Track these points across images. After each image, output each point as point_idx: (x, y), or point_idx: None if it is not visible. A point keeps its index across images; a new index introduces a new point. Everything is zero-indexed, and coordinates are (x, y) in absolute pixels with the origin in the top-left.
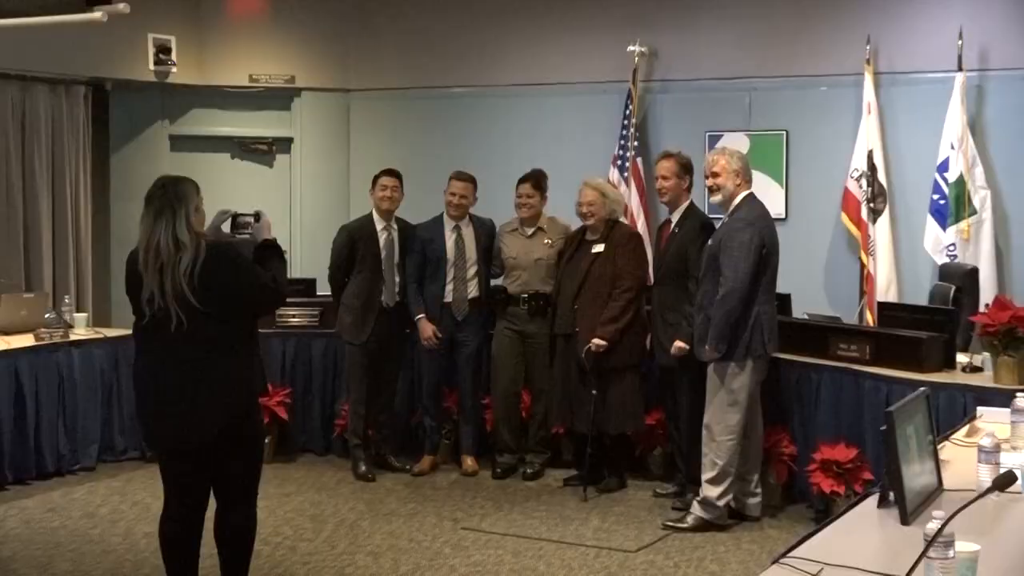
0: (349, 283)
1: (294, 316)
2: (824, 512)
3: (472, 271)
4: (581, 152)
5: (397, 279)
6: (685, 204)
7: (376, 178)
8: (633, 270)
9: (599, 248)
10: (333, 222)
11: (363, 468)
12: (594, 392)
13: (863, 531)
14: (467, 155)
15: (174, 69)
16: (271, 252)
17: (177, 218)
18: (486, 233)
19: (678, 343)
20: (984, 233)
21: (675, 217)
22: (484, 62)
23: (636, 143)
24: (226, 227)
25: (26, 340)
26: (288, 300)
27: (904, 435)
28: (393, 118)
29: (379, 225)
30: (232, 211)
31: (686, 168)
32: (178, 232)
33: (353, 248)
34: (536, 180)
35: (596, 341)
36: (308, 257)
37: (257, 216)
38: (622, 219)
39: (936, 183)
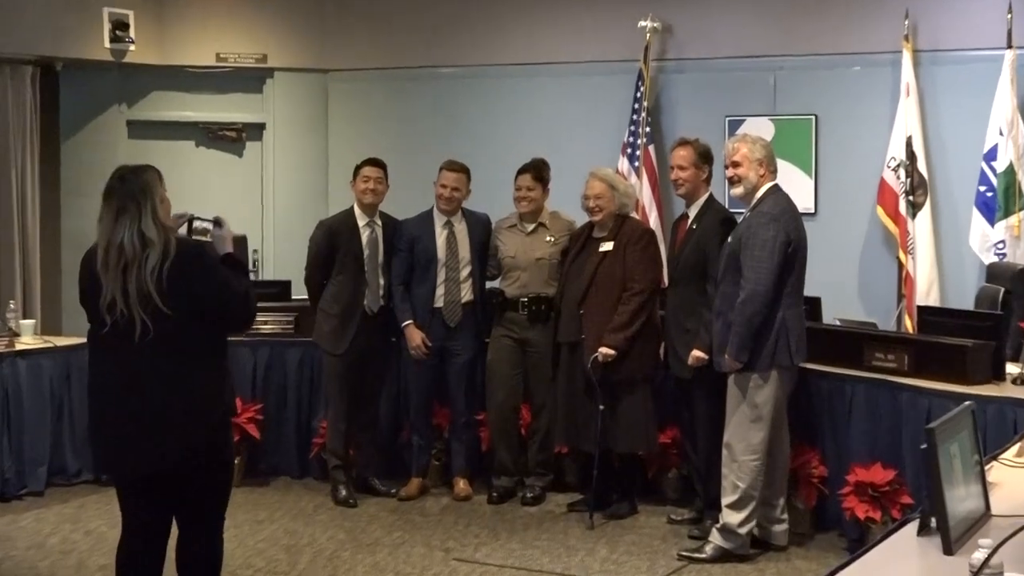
0: (328, 286)
1: (266, 322)
2: (858, 541)
3: (465, 272)
4: (587, 139)
5: (382, 281)
6: (704, 197)
7: (358, 168)
8: (645, 271)
9: (607, 246)
10: (310, 217)
11: (343, 492)
12: (601, 407)
13: (901, 562)
14: (459, 143)
15: (132, 47)
16: (233, 268)
17: (143, 212)
18: (481, 229)
19: (696, 352)
20: None
21: (692, 212)
22: (477, 39)
23: (648, 129)
24: (182, 232)
25: None
26: (260, 305)
27: (947, 455)
28: (376, 102)
29: (361, 221)
30: (189, 215)
31: (705, 157)
32: (144, 227)
33: (332, 246)
34: (537, 171)
35: (604, 350)
36: (282, 256)
37: (217, 223)
38: (633, 214)
39: (983, 173)
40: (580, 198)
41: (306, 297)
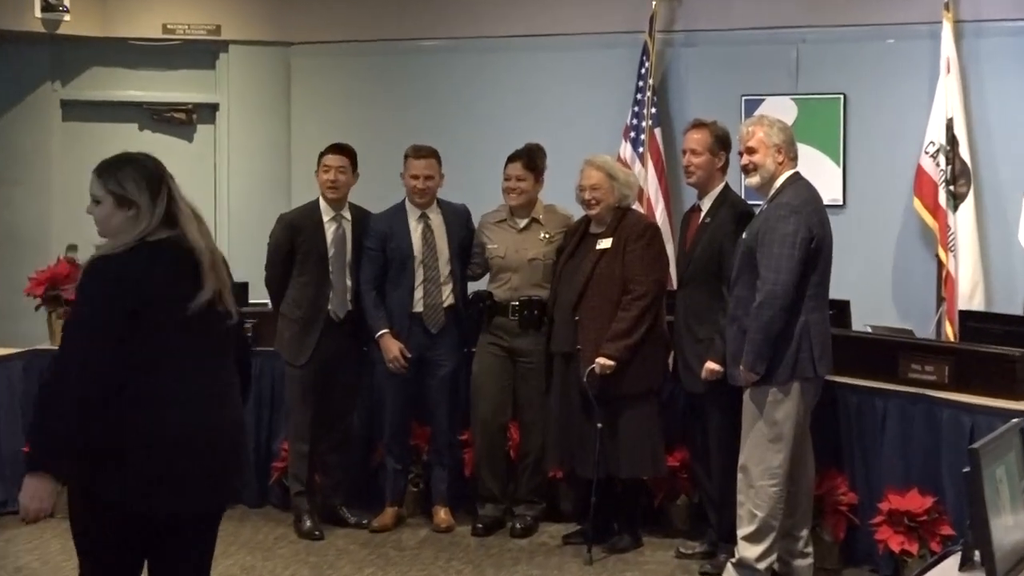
0: (289, 288)
1: None
2: None
3: (446, 271)
4: (585, 122)
5: (349, 283)
6: (718, 188)
7: (320, 156)
8: (648, 271)
9: (605, 243)
10: (270, 211)
11: (308, 523)
12: (600, 426)
13: None
14: (441, 127)
15: (67, 17)
16: None
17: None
18: (459, 221)
19: (709, 364)
20: None
21: (706, 204)
22: (460, 8)
23: (654, 111)
24: None
25: None
26: None
27: (993, 479)
28: (346, 79)
29: (326, 215)
30: None
31: (722, 142)
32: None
33: (293, 244)
34: (529, 158)
35: (602, 361)
36: (239, 255)
37: None
38: (637, 207)
39: None
40: (575, 189)
41: (267, 301)
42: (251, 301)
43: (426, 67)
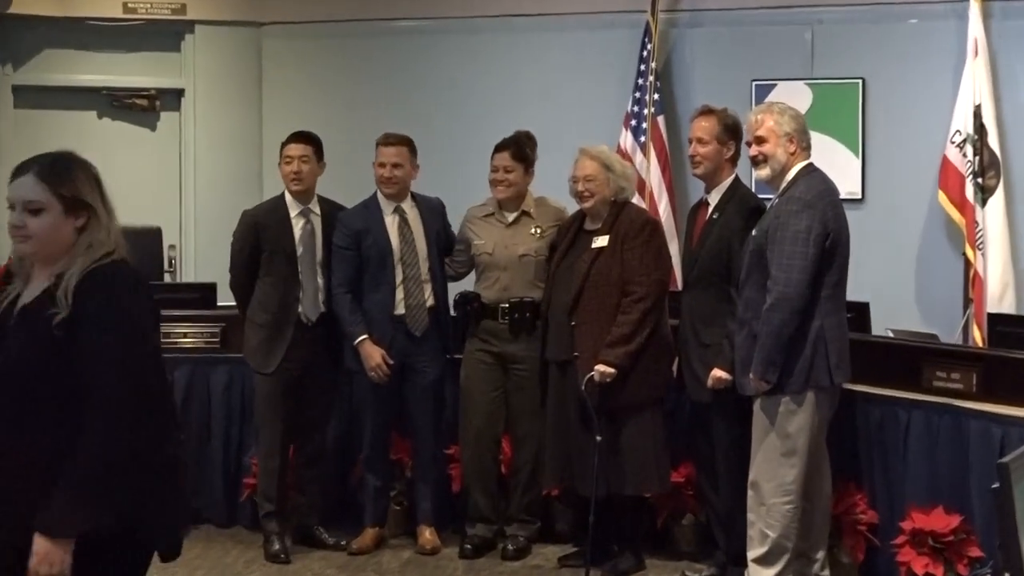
0: (256, 290)
1: (186, 335)
2: None
3: (425, 268)
4: (582, 109)
5: (321, 282)
6: (728, 180)
7: (281, 147)
8: (649, 270)
9: (601, 241)
10: (239, 205)
11: (277, 545)
12: (599, 439)
13: None
14: (424, 114)
15: None
16: None
17: None
18: (434, 217)
19: (717, 372)
20: None
21: (713, 198)
22: None
23: (657, 97)
24: None
25: None
26: (180, 314)
27: None
28: (322, 63)
29: (293, 209)
30: None
31: (732, 131)
32: None
33: (259, 242)
34: (517, 147)
35: (601, 369)
36: (206, 254)
37: None
38: (638, 200)
39: None
40: (568, 181)
41: (235, 303)
42: (220, 304)
43: (409, 50)
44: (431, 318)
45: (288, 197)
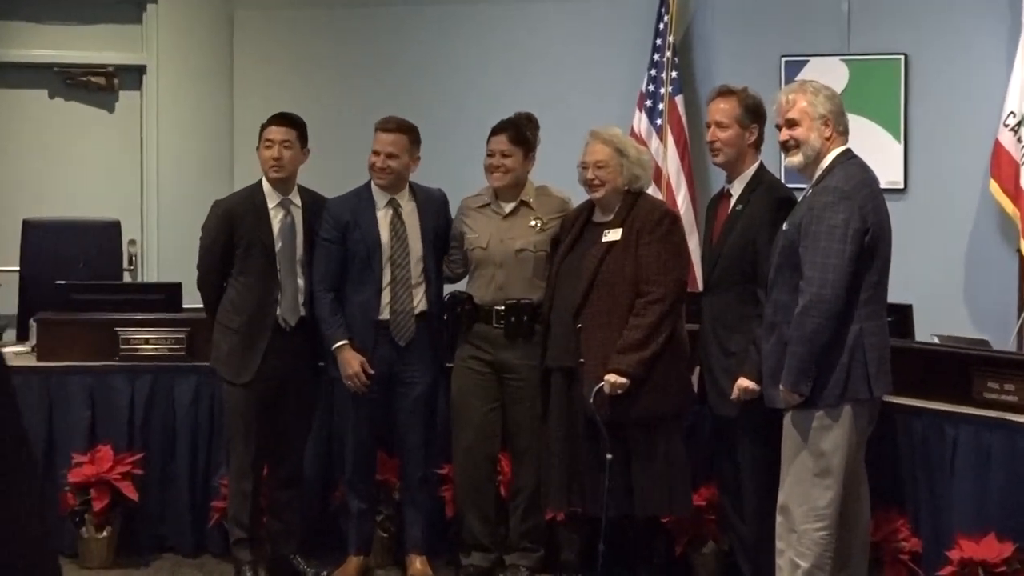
0: (227, 290)
1: (147, 341)
2: None
3: (418, 270)
4: (590, 89)
5: (301, 283)
6: (751, 168)
7: (261, 129)
8: (666, 268)
9: (613, 235)
10: (208, 195)
11: (250, 575)
12: (609, 456)
13: None
14: (415, 95)
15: None
16: None
17: None
18: (435, 209)
19: (742, 382)
20: None
21: (736, 188)
22: None
23: (675, 75)
24: None
25: None
26: (140, 318)
27: None
28: (300, 37)
29: (271, 200)
30: None
31: (754, 113)
32: None
33: (232, 236)
34: (516, 130)
35: (612, 379)
36: (170, 250)
37: None
38: (655, 191)
39: None
40: (577, 168)
41: (203, 305)
42: (186, 306)
43: (398, 23)
44: (421, 325)
45: (266, 186)
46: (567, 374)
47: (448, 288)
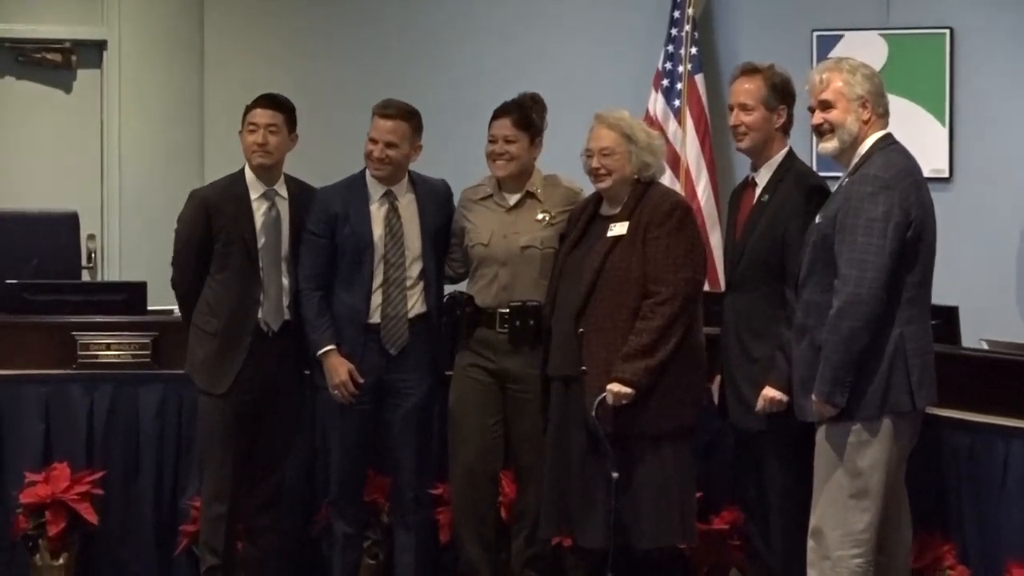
0: (205, 290)
1: (109, 347)
2: None
3: (415, 270)
4: (601, 67)
5: (286, 283)
6: (779, 154)
7: (245, 112)
8: (677, 266)
9: (620, 228)
10: (176, 185)
11: None
12: (615, 475)
13: None
14: (409, 75)
15: None
16: None
17: None
18: (437, 203)
19: (769, 392)
20: None
21: (762, 176)
22: None
23: (695, 51)
24: None
25: None
26: (101, 320)
27: None
28: (279, 11)
29: (255, 191)
30: None
31: (781, 92)
32: None
33: (211, 230)
34: (521, 112)
35: (615, 388)
36: (134, 245)
37: None
38: (671, 181)
39: None
40: (582, 155)
41: (172, 307)
42: (152, 307)
43: None
44: (416, 330)
45: (249, 175)
46: (567, 383)
47: (448, 289)
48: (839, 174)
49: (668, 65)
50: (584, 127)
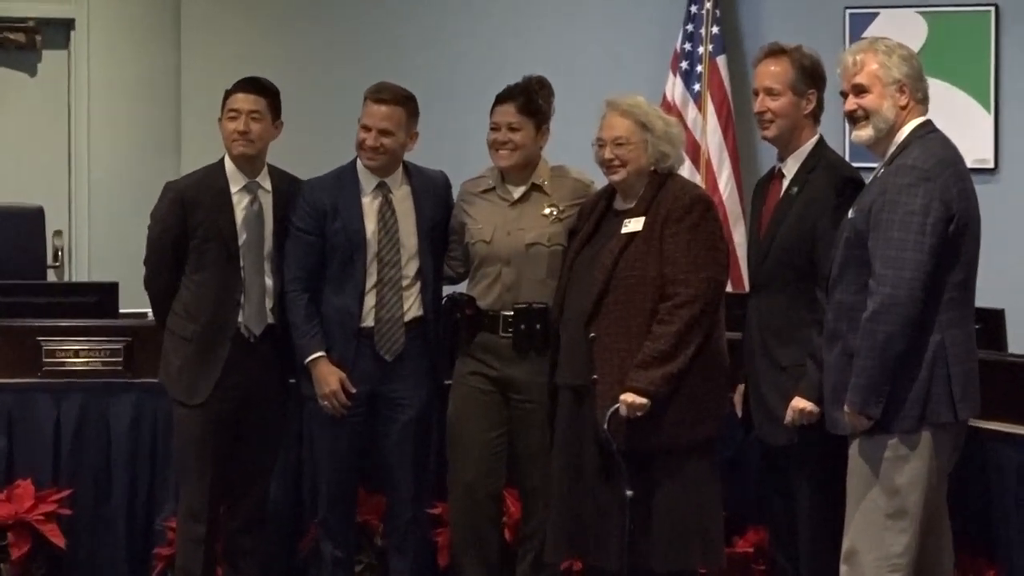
0: (180, 291)
1: (77, 353)
2: None
3: (412, 269)
4: (614, 49)
5: (269, 283)
6: (809, 143)
7: (225, 97)
8: (697, 265)
9: (635, 224)
10: (150, 177)
11: None
12: (630, 493)
13: None
14: (405, 59)
15: None
16: None
17: None
18: (435, 196)
19: (798, 402)
20: None
21: (790, 167)
22: None
23: (716, 31)
24: None
25: None
26: (69, 325)
27: None
28: None
29: (235, 183)
30: None
31: (811, 76)
32: None
33: (187, 226)
34: (526, 97)
35: (629, 398)
36: (104, 243)
37: None
38: (692, 174)
39: None
40: (593, 144)
41: (145, 310)
42: (123, 311)
43: None
44: (415, 334)
45: (229, 166)
46: (577, 394)
47: (447, 289)
48: (874, 164)
49: (687, 46)
50: (595, 114)
